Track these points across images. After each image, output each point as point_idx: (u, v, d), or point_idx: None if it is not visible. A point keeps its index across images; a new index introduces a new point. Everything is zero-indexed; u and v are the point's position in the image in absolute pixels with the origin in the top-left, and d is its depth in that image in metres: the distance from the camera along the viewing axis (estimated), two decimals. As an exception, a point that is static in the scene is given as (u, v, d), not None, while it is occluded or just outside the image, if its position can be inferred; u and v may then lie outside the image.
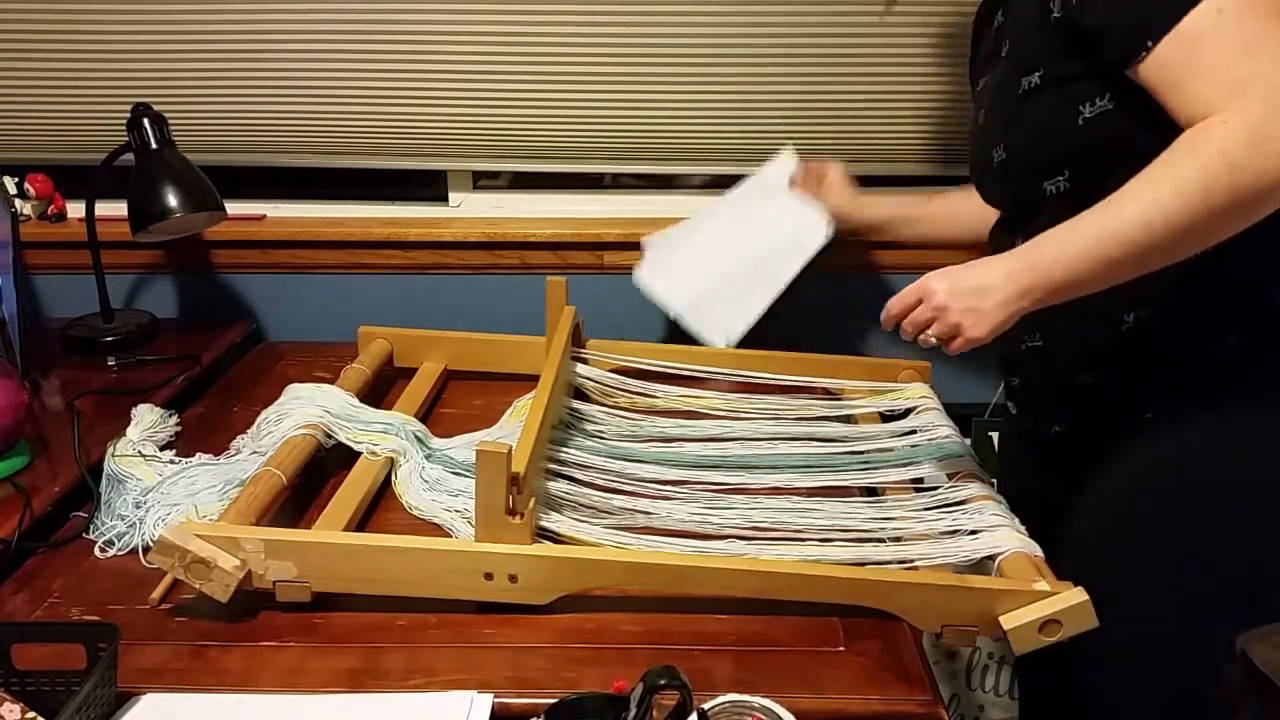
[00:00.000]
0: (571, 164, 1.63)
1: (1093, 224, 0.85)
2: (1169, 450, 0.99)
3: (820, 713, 0.81)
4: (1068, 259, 0.86)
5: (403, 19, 1.53)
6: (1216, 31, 0.81)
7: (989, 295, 0.88)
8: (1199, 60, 0.82)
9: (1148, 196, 0.82)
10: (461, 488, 1.09)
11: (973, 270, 0.90)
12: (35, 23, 1.54)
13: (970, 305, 0.89)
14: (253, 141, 1.62)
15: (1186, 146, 0.82)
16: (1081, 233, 0.85)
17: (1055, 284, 0.87)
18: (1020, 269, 0.88)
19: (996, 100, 1.04)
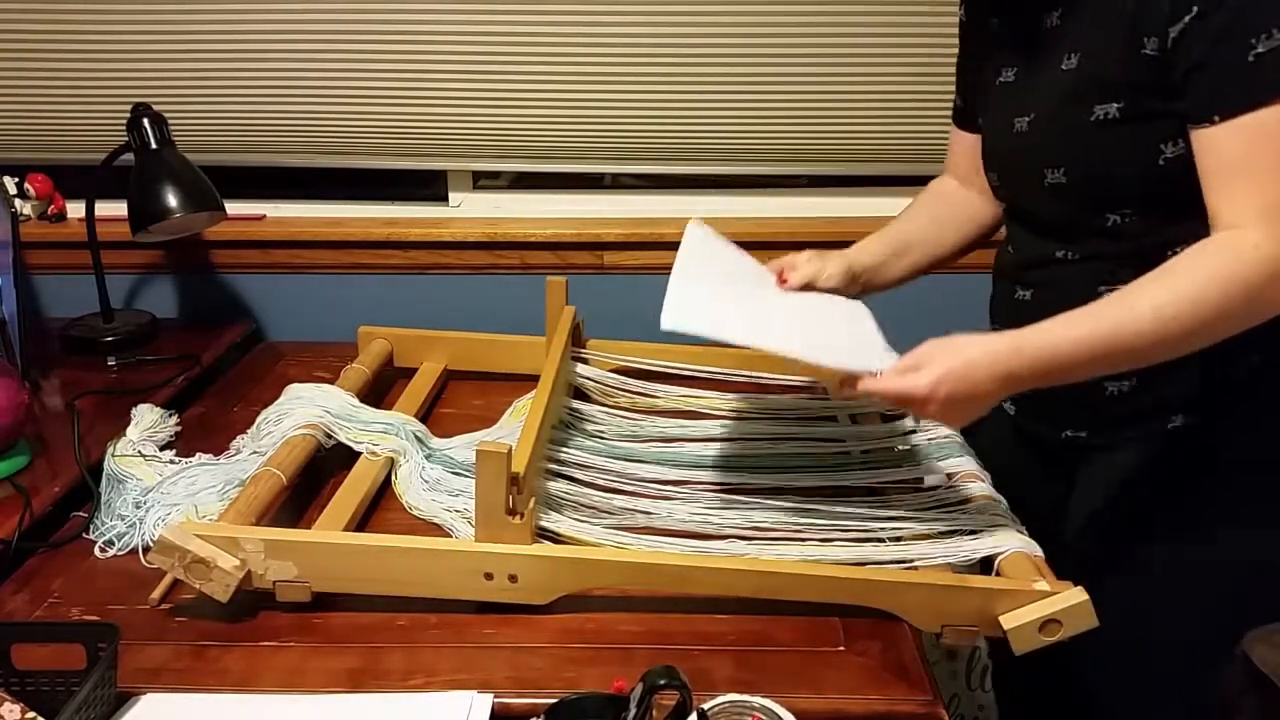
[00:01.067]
0: (571, 164, 1.63)
1: (1100, 330, 0.83)
2: (1188, 460, 0.97)
3: (820, 713, 0.81)
4: (1069, 364, 0.84)
5: (403, 19, 1.53)
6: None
7: (985, 401, 0.86)
8: (1254, 161, 0.80)
9: (1166, 311, 0.81)
10: (461, 488, 1.09)
11: (971, 372, 0.85)
12: (35, 23, 1.54)
13: (965, 410, 0.87)
14: (253, 141, 1.62)
15: (1212, 265, 0.81)
16: (1088, 339, 0.83)
17: (1047, 382, 0.86)
18: (1018, 375, 0.85)
19: (1053, 118, 0.96)
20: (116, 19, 1.54)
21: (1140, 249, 0.92)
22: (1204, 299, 0.81)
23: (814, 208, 1.69)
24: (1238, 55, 0.80)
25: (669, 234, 1.61)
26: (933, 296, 1.44)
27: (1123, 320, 0.83)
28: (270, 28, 1.54)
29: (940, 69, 1.56)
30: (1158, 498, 1.00)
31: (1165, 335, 0.82)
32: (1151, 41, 0.85)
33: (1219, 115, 0.81)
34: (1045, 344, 0.85)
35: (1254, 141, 0.80)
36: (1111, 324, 0.83)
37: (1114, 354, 0.84)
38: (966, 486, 1.05)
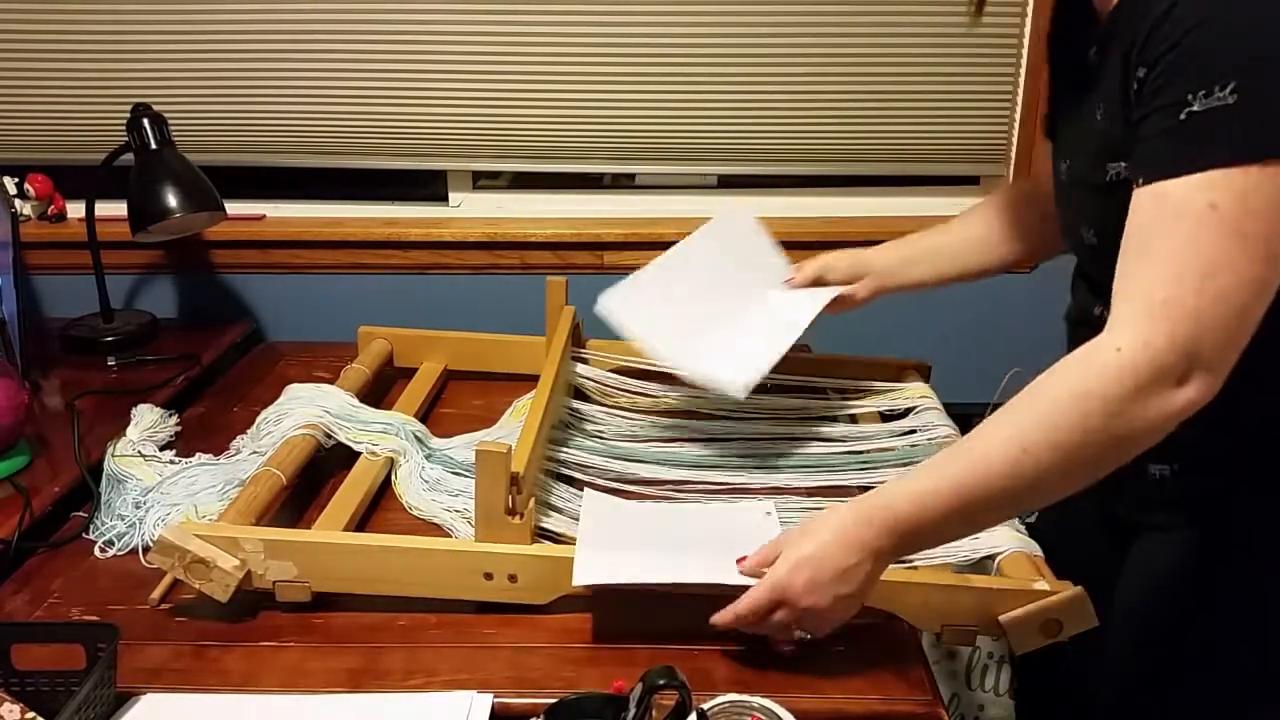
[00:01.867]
0: (571, 164, 1.63)
1: (962, 481, 0.74)
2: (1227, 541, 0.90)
3: (820, 713, 0.81)
4: (941, 526, 0.76)
5: (403, 19, 1.53)
6: (1190, 226, 0.68)
7: (852, 578, 0.78)
8: (1153, 241, 0.70)
9: (1016, 445, 0.72)
10: (461, 488, 1.09)
11: (830, 558, 0.78)
12: (35, 23, 1.55)
13: (837, 594, 0.78)
14: (253, 141, 1.62)
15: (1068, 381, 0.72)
16: (955, 494, 0.74)
17: (918, 544, 0.79)
18: (875, 538, 0.77)
19: (1081, 175, 0.88)
20: (116, 19, 1.54)
21: None
22: (1065, 432, 0.70)
23: (814, 208, 1.69)
24: (1174, 112, 0.70)
25: (669, 234, 1.61)
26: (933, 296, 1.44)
27: (975, 464, 0.74)
28: (270, 28, 1.54)
29: (940, 69, 1.56)
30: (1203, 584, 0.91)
31: (1023, 475, 0.72)
32: (1133, 94, 0.76)
33: (1143, 177, 0.72)
34: (897, 506, 0.77)
35: (1159, 219, 0.70)
36: (961, 471, 0.74)
37: (971, 506, 0.74)
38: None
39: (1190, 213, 0.68)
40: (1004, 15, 1.54)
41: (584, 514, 0.99)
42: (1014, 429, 0.73)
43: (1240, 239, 0.67)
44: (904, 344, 1.39)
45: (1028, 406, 0.73)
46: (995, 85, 1.58)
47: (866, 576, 0.78)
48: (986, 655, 1.69)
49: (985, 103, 1.59)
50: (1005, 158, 1.64)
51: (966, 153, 1.62)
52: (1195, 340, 0.68)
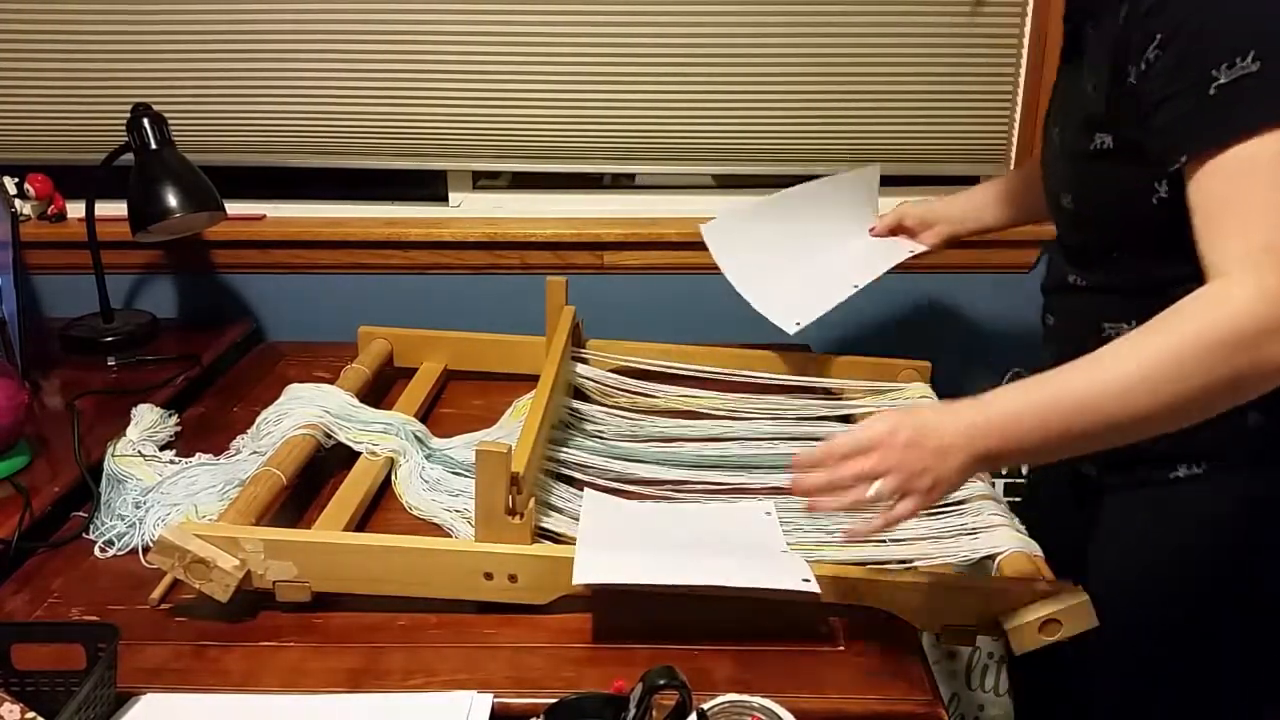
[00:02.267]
0: (571, 164, 1.63)
1: (1071, 395, 0.75)
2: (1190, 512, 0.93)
3: (820, 713, 0.81)
4: (1039, 431, 0.76)
5: (402, 19, 1.53)
6: (1266, 175, 0.72)
7: (950, 457, 0.77)
8: (1232, 202, 0.73)
9: (1136, 374, 0.73)
10: (461, 488, 1.09)
11: (934, 427, 0.77)
12: (35, 23, 1.55)
13: (929, 465, 0.77)
14: (253, 141, 1.62)
15: (1190, 321, 0.73)
16: (1058, 404, 0.75)
17: (1022, 452, 0.78)
18: (983, 434, 0.77)
19: (1067, 142, 0.92)
20: (116, 19, 1.54)
21: (1142, 288, 0.87)
22: (1183, 363, 0.72)
23: (814, 208, 1.69)
24: (1199, 90, 0.74)
25: (669, 234, 1.61)
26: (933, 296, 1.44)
27: (1094, 388, 0.74)
28: (270, 28, 1.54)
29: (940, 68, 1.56)
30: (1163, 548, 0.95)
31: (1137, 405, 0.73)
32: (1132, 70, 0.80)
33: (1187, 156, 0.75)
34: (1007, 401, 0.77)
35: (1230, 182, 0.73)
36: (1080, 392, 0.75)
37: (1084, 428, 0.75)
38: (966, 486, 1.05)
39: (1261, 165, 0.72)
40: (1004, 15, 1.54)
41: (584, 514, 0.99)
42: (1137, 360, 0.73)
43: None
44: (904, 344, 1.39)
45: (1152, 341, 0.74)
46: (995, 85, 1.58)
47: (957, 467, 0.77)
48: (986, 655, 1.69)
49: (985, 102, 1.59)
50: (1005, 158, 1.63)
51: (966, 152, 1.62)
52: None
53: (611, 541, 0.94)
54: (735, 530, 0.98)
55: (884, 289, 1.63)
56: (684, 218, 1.66)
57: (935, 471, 0.77)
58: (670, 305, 1.65)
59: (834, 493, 0.79)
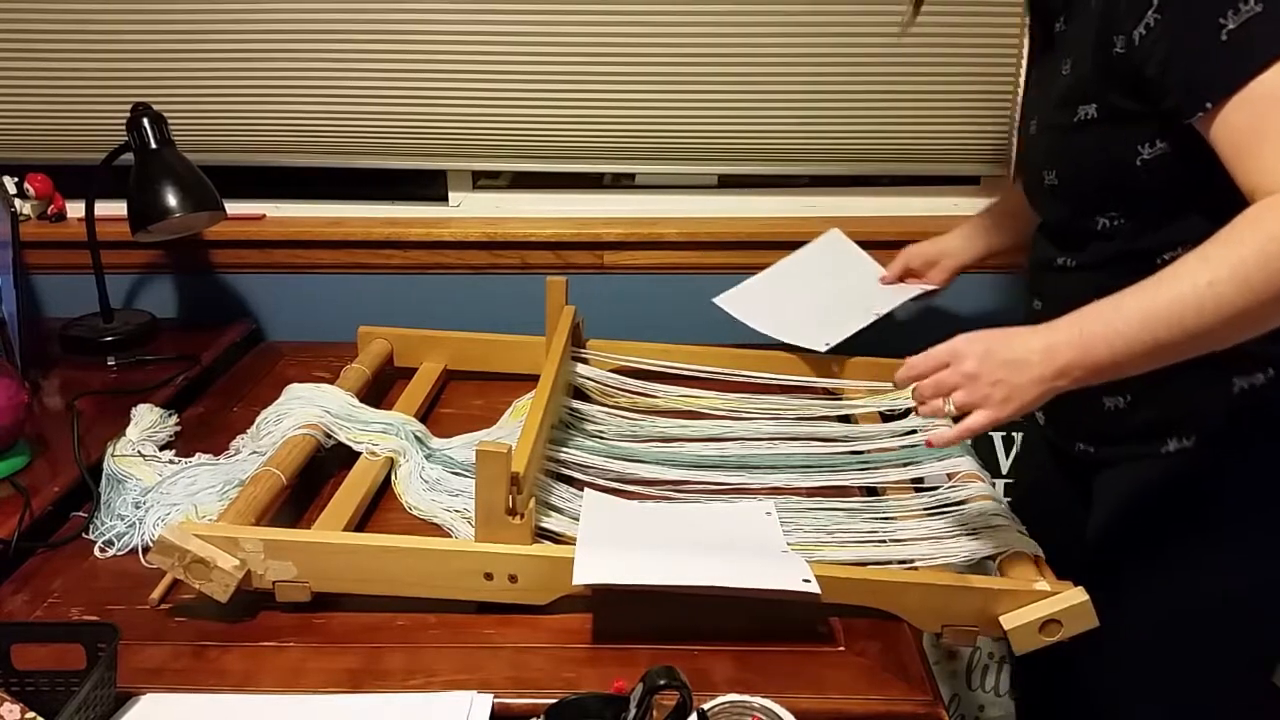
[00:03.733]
0: (571, 164, 1.63)
1: (1139, 304, 0.78)
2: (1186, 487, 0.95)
3: (820, 713, 0.81)
4: (1112, 339, 0.78)
5: (402, 19, 1.53)
6: None
7: (1025, 370, 0.80)
8: (1267, 126, 0.75)
9: (1202, 279, 0.75)
10: (461, 488, 1.09)
11: (1010, 339, 0.82)
12: (35, 23, 1.54)
13: (1003, 378, 0.81)
14: (253, 141, 1.62)
15: (1249, 225, 0.75)
16: (1127, 312, 0.78)
17: (1097, 365, 0.80)
18: (1061, 344, 0.80)
19: (1048, 121, 0.97)
20: (116, 19, 1.54)
21: (1132, 253, 0.91)
22: (1249, 273, 0.73)
23: (814, 207, 1.69)
24: (1210, 40, 0.77)
25: (669, 234, 1.61)
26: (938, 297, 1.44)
27: (1162, 295, 0.77)
28: (270, 28, 1.54)
29: (940, 69, 1.56)
30: (1157, 523, 0.97)
31: (1206, 308, 0.74)
32: (1119, 40, 0.84)
33: (1210, 103, 0.78)
34: (1082, 315, 0.80)
35: (1257, 113, 0.76)
36: (1148, 292, 0.77)
37: (1156, 335, 0.77)
38: (966, 486, 1.05)
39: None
40: (1004, 15, 1.54)
41: (584, 514, 0.99)
42: (1203, 266, 0.75)
43: None
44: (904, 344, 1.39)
45: (1217, 251, 0.76)
46: (995, 85, 1.58)
47: (1036, 377, 0.80)
48: (986, 655, 1.69)
49: (985, 103, 1.59)
50: (1005, 158, 1.63)
51: (966, 153, 1.62)
52: None
53: (611, 541, 0.94)
54: (735, 530, 0.98)
55: (884, 289, 1.64)
56: (684, 218, 1.66)
57: (1009, 383, 0.81)
58: (670, 305, 1.65)
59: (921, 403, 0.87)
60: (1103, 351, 0.79)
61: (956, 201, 1.69)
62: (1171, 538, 0.96)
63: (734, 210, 1.68)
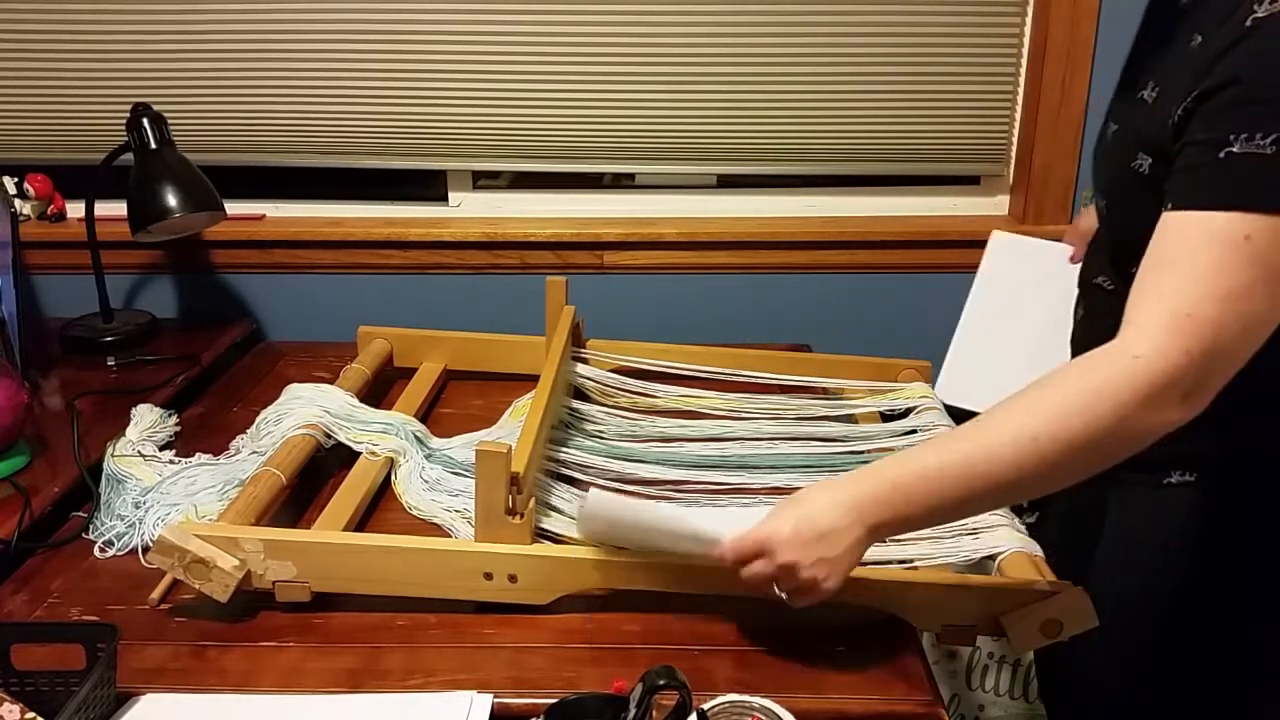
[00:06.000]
0: (571, 164, 1.63)
1: (953, 461, 0.75)
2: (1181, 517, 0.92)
3: (820, 713, 0.81)
4: (927, 499, 0.76)
5: (402, 19, 1.53)
6: (1222, 250, 0.70)
7: (839, 540, 0.78)
8: (1179, 262, 0.72)
9: (1027, 435, 0.73)
10: (461, 488, 1.09)
11: (814, 514, 0.78)
12: (35, 23, 1.54)
13: (820, 556, 0.78)
14: (253, 141, 1.62)
15: (1085, 379, 0.73)
16: (940, 472, 0.76)
17: (909, 522, 0.79)
18: (869, 505, 0.78)
19: (1114, 147, 0.90)
20: (116, 19, 1.54)
21: None
22: (1074, 426, 0.72)
23: (814, 207, 1.69)
24: (1213, 149, 0.73)
25: (669, 234, 1.61)
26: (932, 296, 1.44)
27: (982, 450, 0.75)
28: (270, 28, 1.54)
29: (940, 69, 1.56)
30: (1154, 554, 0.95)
31: (1025, 465, 0.73)
32: (1178, 108, 0.77)
33: (1173, 203, 0.75)
34: (895, 477, 0.78)
35: (1183, 244, 0.73)
36: (966, 454, 0.75)
37: (973, 488, 0.75)
38: (966, 486, 1.05)
39: (1224, 239, 0.71)
40: (1004, 15, 1.54)
41: None
42: (1024, 418, 0.74)
43: (1266, 272, 0.70)
44: (904, 344, 1.39)
45: (1040, 399, 0.74)
46: (995, 85, 1.58)
47: (852, 544, 0.78)
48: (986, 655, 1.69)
49: (985, 103, 1.59)
50: (1005, 157, 1.63)
51: (966, 153, 1.62)
52: (1209, 358, 0.71)
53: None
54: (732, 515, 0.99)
55: (884, 289, 1.64)
56: (684, 218, 1.66)
57: (828, 560, 0.78)
58: (670, 305, 1.65)
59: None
60: (916, 511, 0.77)
61: (956, 201, 1.69)
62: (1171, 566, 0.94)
63: (734, 210, 1.68)
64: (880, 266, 1.63)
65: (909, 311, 1.62)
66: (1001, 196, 1.68)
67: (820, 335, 1.57)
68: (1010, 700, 1.69)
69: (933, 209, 1.69)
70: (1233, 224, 0.71)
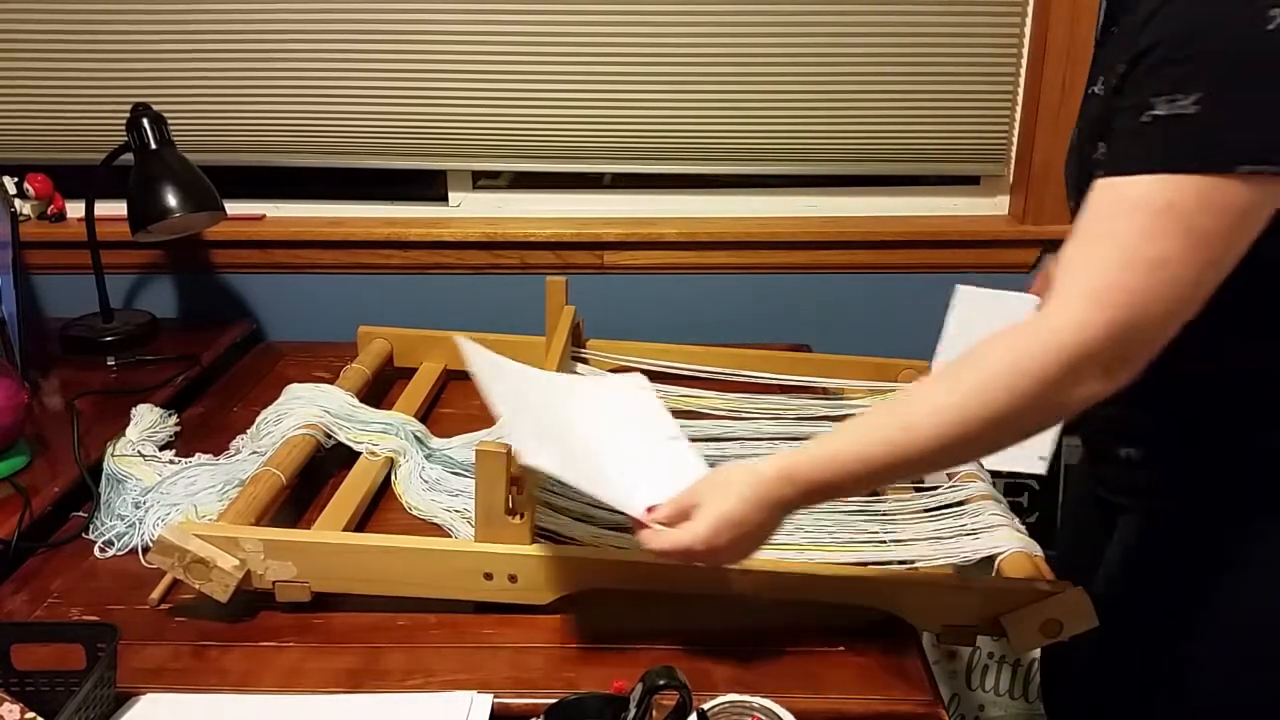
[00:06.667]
0: (571, 164, 1.63)
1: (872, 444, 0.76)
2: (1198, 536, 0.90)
3: (820, 713, 0.81)
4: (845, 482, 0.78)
5: (403, 19, 1.53)
6: (1145, 219, 0.69)
7: (754, 535, 0.80)
8: (1100, 236, 0.71)
9: (948, 414, 0.73)
10: (461, 488, 1.09)
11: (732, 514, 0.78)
12: (35, 23, 1.55)
13: (737, 551, 0.81)
14: (253, 141, 1.62)
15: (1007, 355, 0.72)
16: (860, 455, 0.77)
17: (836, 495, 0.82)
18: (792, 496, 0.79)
19: (1074, 153, 0.91)
20: (116, 19, 1.54)
21: None
22: (996, 400, 0.71)
23: (813, 207, 1.69)
24: (1136, 113, 0.71)
25: (669, 234, 1.61)
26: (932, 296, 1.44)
27: (905, 428, 0.75)
28: (270, 27, 1.54)
29: (940, 69, 1.56)
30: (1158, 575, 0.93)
31: (948, 440, 0.73)
32: (1114, 80, 0.77)
33: (1101, 173, 0.73)
34: (815, 467, 0.78)
35: (1111, 210, 0.71)
36: (888, 440, 0.76)
37: (894, 467, 0.76)
38: (966, 486, 1.05)
39: (1146, 207, 0.69)
40: (1004, 15, 1.54)
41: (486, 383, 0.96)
42: (946, 396, 0.74)
43: (1190, 238, 0.68)
44: (904, 344, 1.39)
45: (961, 376, 0.74)
46: (995, 85, 1.58)
47: (768, 533, 0.81)
48: (986, 655, 1.69)
49: (985, 103, 1.59)
50: (1005, 157, 1.63)
51: (966, 153, 1.62)
52: (1130, 329, 0.69)
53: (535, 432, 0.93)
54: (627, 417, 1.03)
55: (884, 289, 1.64)
56: (684, 218, 1.66)
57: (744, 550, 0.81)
58: (670, 305, 1.65)
59: None
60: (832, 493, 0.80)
61: (956, 201, 1.69)
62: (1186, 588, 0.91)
63: (734, 210, 1.68)
64: (880, 266, 1.63)
65: (909, 311, 1.62)
66: (1001, 196, 1.68)
67: (820, 335, 1.57)
68: (1010, 700, 1.69)
69: (933, 209, 1.69)
70: (1154, 190, 0.69)
